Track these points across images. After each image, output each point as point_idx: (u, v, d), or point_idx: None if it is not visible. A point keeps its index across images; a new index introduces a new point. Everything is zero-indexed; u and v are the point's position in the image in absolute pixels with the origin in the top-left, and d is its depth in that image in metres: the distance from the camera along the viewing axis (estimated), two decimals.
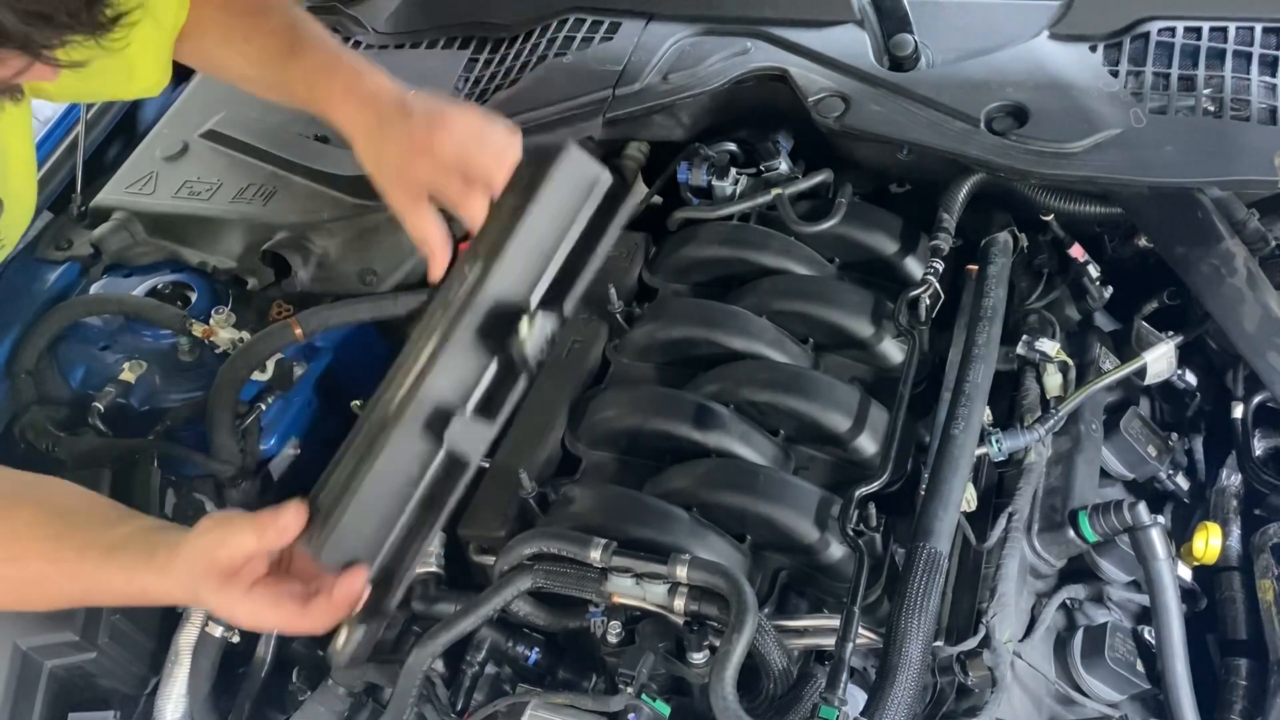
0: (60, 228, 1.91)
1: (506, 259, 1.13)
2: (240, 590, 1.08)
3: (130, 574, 1.12)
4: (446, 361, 1.11)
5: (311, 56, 1.41)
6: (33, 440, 1.61)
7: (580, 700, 1.20)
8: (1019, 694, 1.29)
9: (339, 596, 1.06)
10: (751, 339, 1.52)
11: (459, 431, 1.10)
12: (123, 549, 1.13)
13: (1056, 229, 1.62)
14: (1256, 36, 1.52)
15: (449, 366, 1.11)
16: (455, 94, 1.83)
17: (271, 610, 1.08)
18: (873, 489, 1.33)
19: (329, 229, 1.75)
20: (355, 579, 1.07)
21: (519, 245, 1.13)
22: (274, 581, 1.10)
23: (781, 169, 1.69)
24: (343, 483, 1.09)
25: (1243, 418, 1.51)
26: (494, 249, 1.14)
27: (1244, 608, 1.40)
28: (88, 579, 1.14)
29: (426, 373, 1.10)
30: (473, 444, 1.12)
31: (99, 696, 1.44)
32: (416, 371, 1.12)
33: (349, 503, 1.07)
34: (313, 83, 1.40)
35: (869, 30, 1.68)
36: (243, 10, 1.47)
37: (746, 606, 1.17)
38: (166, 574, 1.10)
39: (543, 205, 1.14)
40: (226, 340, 1.70)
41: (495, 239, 1.15)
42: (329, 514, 1.08)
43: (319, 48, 1.42)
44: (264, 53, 1.46)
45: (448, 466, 1.12)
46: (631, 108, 1.67)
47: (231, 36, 1.47)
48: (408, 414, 1.09)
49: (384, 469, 1.08)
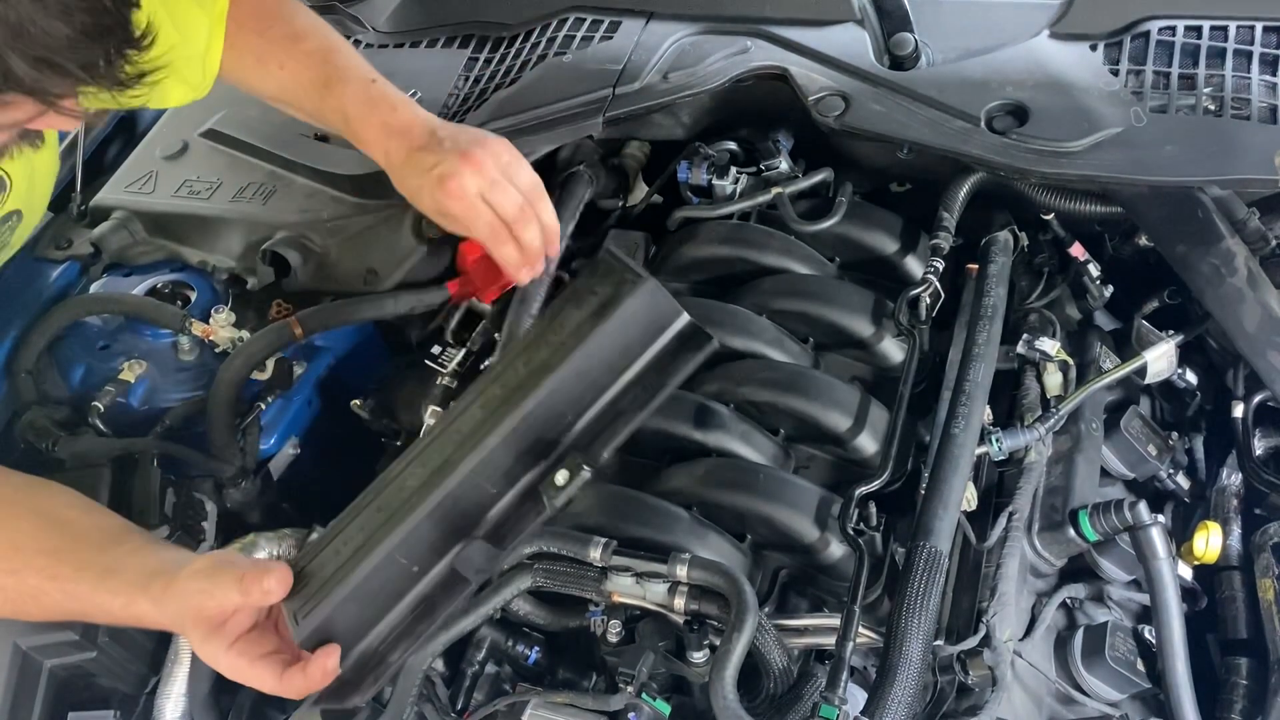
0: (60, 227, 1.91)
1: (560, 378, 1.08)
2: (223, 643, 1.10)
3: (126, 600, 1.13)
4: (473, 472, 1.08)
5: (346, 89, 1.44)
6: (33, 440, 1.60)
7: (580, 699, 1.20)
8: (1019, 693, 1.29)
9: (312, 671, 1.07)
10: (751, 338, 1.52)
11: (467, 552, 1.09)
12: (119, 573, 1.14)
13: (1057, 228, 1.62)
14: (1257, 35, 1.51)
15: (474, 478, 1.08)
16: (455, 93, 1.83)
17: (249, 669, 1.10)
18: (873, 488, 1.33)
19: (329, 228, 1.75)
20: (329, 657, 1.08)
21: (575, 367, 1.08)
22: (257, 638, 1.12)
23: (782, 168, 1.68)
24: (337, 566, 1.08)
25: (1243, 417, 1.51)
26: (550, 364, 1.08)
27: (1244, 607, 1.40)
28: (84, 600, 1.15)
29: (449, 477, 1.07)
30: (476, 566, 1.09)
31: (99, 696, 1.44)
32: (438, 466, 1.09)
33: (337, 591, 1.06)
34: (348, 116, 1.44)
35: (869, 29, 1.68)
36: (279, 36, 1.49)
37: (746, 606, 1.17)
38: (160, 607, 1.11)
39: (609, 332, 1.08)
40: (226, 340, 1.70)
41: (553, 353, 1.09)
42: (316, 593, 1.07)
43: (353, 78, 1.45)
44: (298, 82, 1.49)
45: (447, 579, 1.10)
46: (631, 107, 1.67)
47: (267, 62, 1.49)
48: (419, 514, 1.07)
49: (382, 565, 1.07)
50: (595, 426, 1.11)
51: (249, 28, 1.47)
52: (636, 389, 1.11)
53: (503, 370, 1.15)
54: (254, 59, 1.50)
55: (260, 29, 1.49)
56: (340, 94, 1.44)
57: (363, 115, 1.42)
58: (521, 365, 1.12)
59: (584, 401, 1.10)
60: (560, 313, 1.14)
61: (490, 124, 1.69)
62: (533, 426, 1.09)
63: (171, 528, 1.50)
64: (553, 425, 1.10)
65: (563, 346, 1.09)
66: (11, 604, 1.18)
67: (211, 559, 1.13)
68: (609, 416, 1.11)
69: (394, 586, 1.09)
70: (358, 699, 1.11)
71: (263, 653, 1.10)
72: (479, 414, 1.12)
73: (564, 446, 1.11)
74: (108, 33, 0.88)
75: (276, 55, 1.49)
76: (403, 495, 1.09)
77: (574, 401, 1.10)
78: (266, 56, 1.50)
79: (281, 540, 1.51)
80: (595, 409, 1.10)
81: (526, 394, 1.08)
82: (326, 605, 1.07)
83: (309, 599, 1.08)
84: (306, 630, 1.07)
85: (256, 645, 1.11)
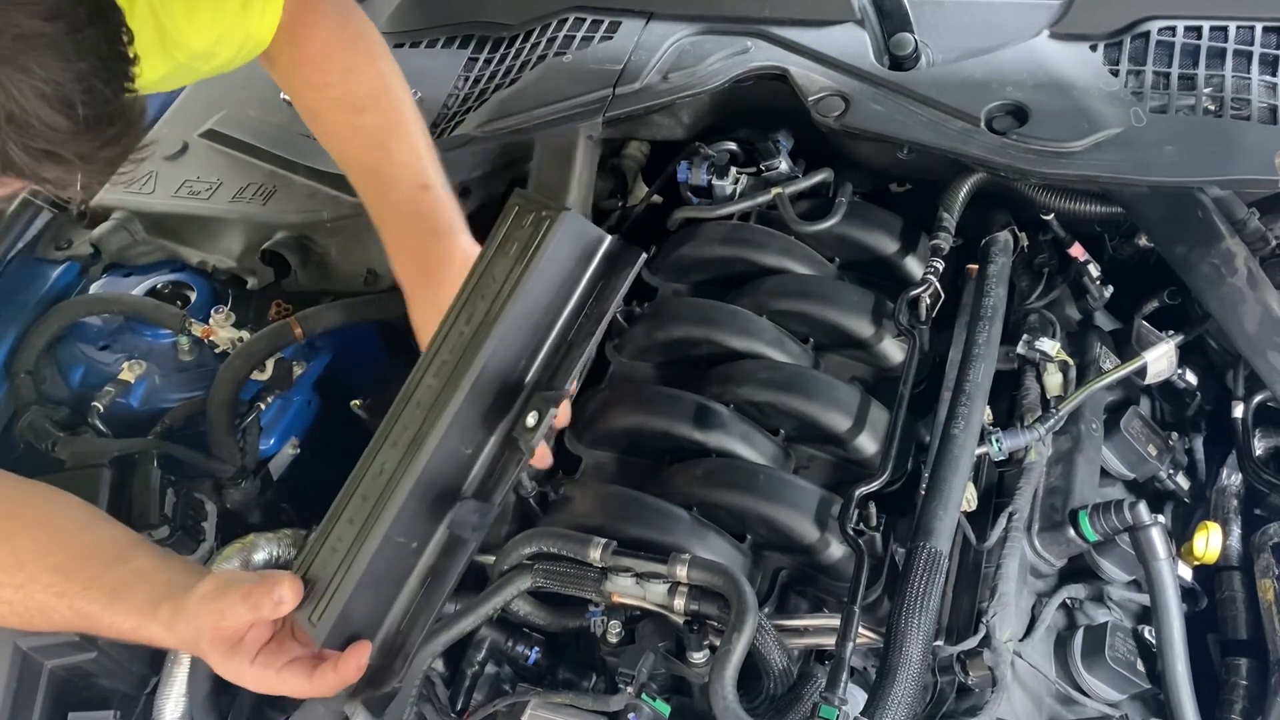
0: (60, 227, 1.91)
1: (504, 329, 1.09)
2: (244, 660, 1.09)
3: (136, 623, 1.13)
4: (445, 439, 1.08)
5: (392, 191, 1.40)
6: (33, 440, 1.60)
7: (580, 700, 1.20)
8: (1019, 694, 1.29)
9: (343, 666, 1.07)
10: (751, 338, 1.52)
11: (460, 514, 1.09)
12: (127, 594, 1.13)
13: (1057, 228, 1.61)
14: (1257, 36, 1.52)
15: (446, 444, 1.09)
16: (455, 93, 1.83)
17: (276, 679, 1.10)
18: (873, 488, 1.33)
19: (329, 229, 1.75)
20: (359, 654, 1.08)
21: (516, 314, 1.09)
22: (277, 649, 1.11)
23: (781, 168, 1.68)
24: (338, 562, 1.08)
25: (1243, 417, 1.51)
26: (491, 317, 1.10)
27: (1244, 607, 1.40)
28: (94, 619, 1.15)
29: (422, 449, 1.08)
30: (472, 525, 1.10)
31: (99, 696, 1.44)
32: (408, 443, 1.09)
33: (345, 585, 1.06)
34: (385, 223, 1.42)
35: (869, 29, 1.68)
36: (338, 100, 1.45)
37: (746, 606, 1.17)
38: (171, 631, 1.11)
39: (540, 272, 1.09)
40: (226, 340, 1.70)
41: (491, 305, 1.11)
42: (325, 593, 1.08)
43: (402, 182, 1.40)
44: (357, 167, 1.46)
45: (447, 545, 1.11)
46: (631, 107, 1.67)
47: (320, 122, 1.49)
48: (404, 492, 1.07)
49: (381, 550, 1.07)
50: (551, 363, 1.13)
51: (331, 100, 1.44)
52: (580, 318, 1.13)
53: (445, 337, 1.15)
54: (327, 129, 1.48)
55: (320, 81, 1.45)
56: (389, 194, 1.40)
57: (398, 234, 1.39)
58: (464, 325, 1.13)
59: (533, 344, 1.12)
60: (488, 265, 1.15)
61: (490, 124, 1.70)
62: (490, 380, 1.10)
63: (171, 528, 1.50)
64: (509, 374, 1.11)
65: (499, 297, 1.11)
66: (19, 618, 1.17)
67: (218, 580, 1.12)
68: (561, 351, 1.13)
69: (398, 566, 1.10)
70: (395, 681, 1.11)
71: (286, 660, 1.10)
72: (434, 383, 1.12)
73: (526, 390, 1.12)
74: (108, 122, 0.88)
75: (333, 122, 1.46)
76: (383, 479, 1.10)
77: (523, 347, 1.12)
78: (319, 117, 1.48)
79: (281, 540, 1.51)
80: (546, 348, 1.12)
81: (475, 351, 1.09)
82: (338, 602, 1.07)
83: (318, 600, 1.08)
84: (325, 630, 1.07)
85: (278, 655, 1.10)
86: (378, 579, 1.09)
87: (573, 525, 1.33)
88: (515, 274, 1.10)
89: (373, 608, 1.10)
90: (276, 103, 1.86)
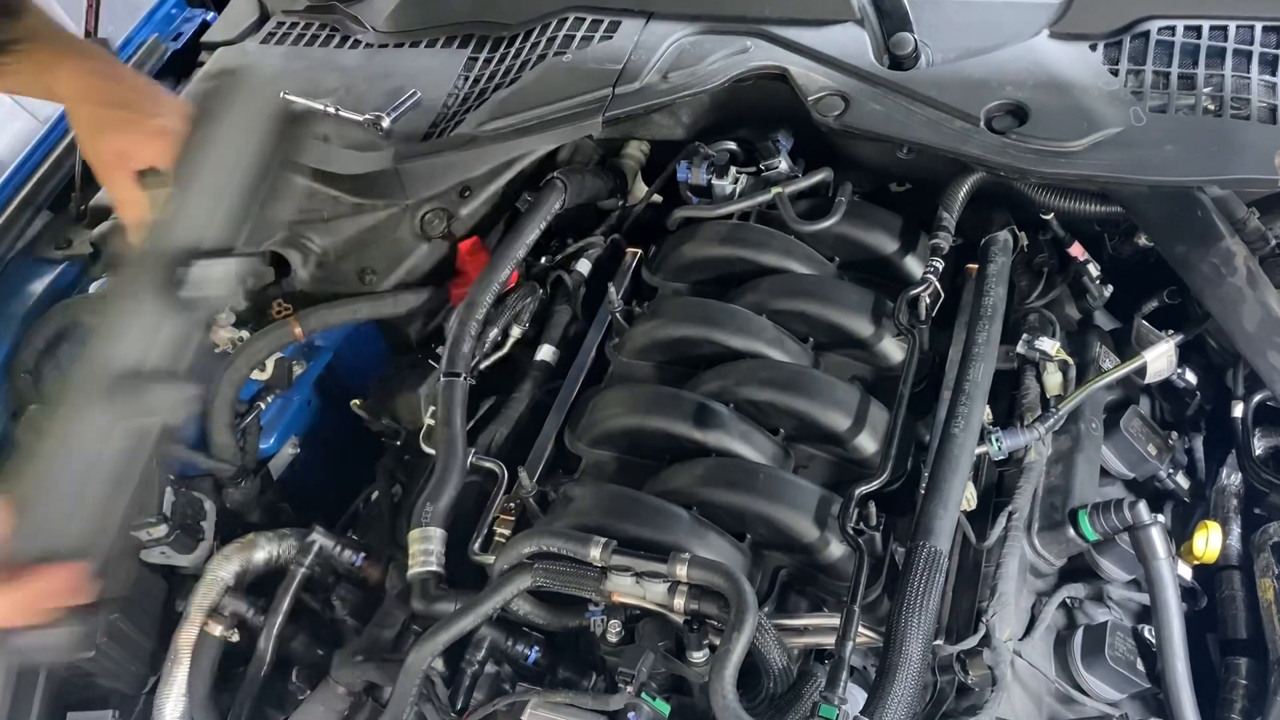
0: (60, 227, 1.91)
1: (177, 203, 1.06)
2: None
3: None
4: (122, 321, 1.03)
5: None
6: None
7: (580, 699, 1.20)
8: (1019, 693, 1.29)
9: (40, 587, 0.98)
10: (751, 338, 1.52)
11: (150, 397, 1.02)
12: None
13: (1056, 228, 1.62)
14: (1256, 35, 1.52)
15: (126, 327, 1.03)
16: (455, 93, 1.83)
17: None
18: (873, 488, 1.33)
19: (328, 228, 1.75)
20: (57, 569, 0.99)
21: (189, 187, 1.06)
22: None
23: (781, 168, 1.68)
24: (27, 468, 1.02)
25: (1243, 416, 1.52)
26: (168, 195, 1.07)
27: (1244, 607, 1.40)
28: None
29: (101, 337, 1.02)
30: (159, 405, 1.03)
31: (98, 696, 1.44)
32: (93, 348, 1.03)
33: (35, 488, 1.00)
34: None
35: (869, 29, 1.68)
36: None
37: (746, 605, 1.17)
38: None
39: (212, 143, 1.07)
40: (226, 340, 1.70)
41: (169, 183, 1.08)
42: (22, 503, 1.00)
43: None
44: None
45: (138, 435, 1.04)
46: (631, 106, 1.67)
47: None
48: (82, 384, 1.01)
49: (66, 449, 1.01)
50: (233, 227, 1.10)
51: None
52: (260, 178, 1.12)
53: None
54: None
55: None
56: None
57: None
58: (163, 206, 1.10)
59: (210, 211, 1.08)
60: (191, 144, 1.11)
61: (490, 123, 1.70)
62: (167, 256, 1.04)
63: (170, 526, 1.50)
64: (188, 244, 1.06)
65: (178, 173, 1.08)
66: None
67: None
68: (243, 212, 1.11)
69: (88, 469, 1.02)
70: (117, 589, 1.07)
71: None
72: (121, 272, 1.08)
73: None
74: None
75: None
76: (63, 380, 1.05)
77: (201, 215, 1.07)
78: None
79: (281, 540, 1.51)
80: (225, 212, 1.09)
81: (155, 230, 1.05)
82: (32, 515, 0.99)
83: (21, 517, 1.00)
84: (26, 545, 0.98)
85: None
86: (65, 483, 1.01)
87: (573, 524, 1.33)
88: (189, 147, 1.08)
89: (65, 517, 1.01)
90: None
